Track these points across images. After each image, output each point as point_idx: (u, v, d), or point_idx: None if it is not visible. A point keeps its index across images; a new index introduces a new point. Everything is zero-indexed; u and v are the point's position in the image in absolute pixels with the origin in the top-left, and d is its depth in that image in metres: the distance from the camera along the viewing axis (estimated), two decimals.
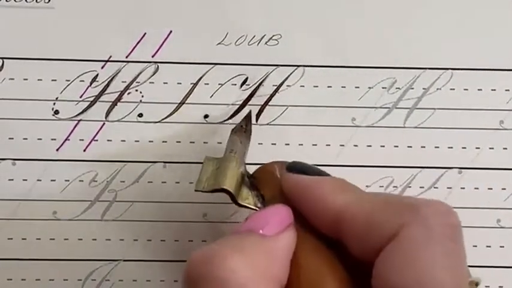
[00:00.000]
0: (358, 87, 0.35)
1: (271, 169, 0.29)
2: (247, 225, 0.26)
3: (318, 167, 0.29)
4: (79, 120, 0.34)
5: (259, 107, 0.35)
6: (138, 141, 0.35)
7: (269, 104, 0.35)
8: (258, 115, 0.35)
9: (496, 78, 0.35)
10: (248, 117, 0.33)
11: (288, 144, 0.35)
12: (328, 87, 0.35)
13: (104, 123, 0.34)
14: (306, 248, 0.26)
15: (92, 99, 0.35)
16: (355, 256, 0.26)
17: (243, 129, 0.33)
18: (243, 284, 0.23)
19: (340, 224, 0.26)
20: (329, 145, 0.35)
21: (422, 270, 0.23)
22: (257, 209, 0.29)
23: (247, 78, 0.35)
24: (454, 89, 0.35)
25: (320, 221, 0.27)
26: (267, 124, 0.35)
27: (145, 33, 0.35)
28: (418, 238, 0.24)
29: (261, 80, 0.35)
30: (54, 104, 0.34)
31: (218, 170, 0.30)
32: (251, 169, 0.30)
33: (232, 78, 0.35)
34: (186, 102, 0.35)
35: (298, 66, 0.35)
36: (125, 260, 0.34)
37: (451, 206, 0.25)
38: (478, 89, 0.35)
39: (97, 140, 0.34)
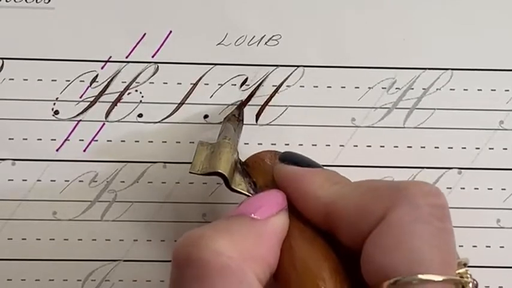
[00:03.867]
0: (358, 88, 0.35)
1: (264, 157, 0.30)
2: (239, 210, 0.26)
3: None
4: (79, 121, 0.34)
5: (259, 107, 0.35)
6: (138, 141, 0.35)
7: (269, 104, 0.35)
8: (258, 115, 0.35)
9: (496, 78, 0.35)
10: (240, 106, 0.34)
11: (288, 144, 0.35)
12: (328, 87, 0.35)
13: (103, 124, 0.34)
14: (300, 235, 0.27)
15: (91, 99, 0.35)
16: (346, 245, 0.26)
17: (236, 118, 0.33)
18: (225, 265, 0.23)
19: (330, 216, 0.26)
20: (329, 145, 0.35)
21: (410, 250, 0.23)
22: (250, 195, 0.29)
23: (247, 79, 0.35)
24: (453, 89, 0.35)
25: (311, 213, 0.27)
26: (267, 124, 0.35)
27: (145, 34, 0.35)
28: (406, 218, 0.24)
29: (261, 80, 0.35)
30: (54, 104, 0.34)
31: (212, 154, 0.30)
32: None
33: (232, 78, 0.35)
34: (186, 102, 0.35)
35: (298, 66, 0.35)
36: (124, 260, 0.34)
37: (439, 188, 0.25)
38: (478, 89, 0.35)
39: (97, 140, 0.34)
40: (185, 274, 0.24)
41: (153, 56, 0.35)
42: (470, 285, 0.24)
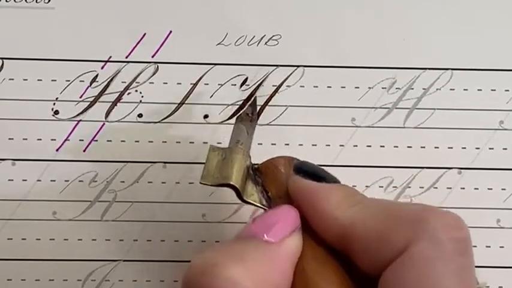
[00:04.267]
0: (358, 88, 0.35)
1: (278, 164, 0.28)
2: (251, 230, 0.25)
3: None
4: (79, 121, 0.34)
5: (259, 107, 0.35)
6: (138, 141, 0.35)
7: (269, 104, 0.35)
8: (258, 115, 0.35)
9: (496, 78, 0.35)
10: (254, 104, 0.33)
11: (288, 144, 0.35)
12: (328, 87, 0.35)
13: (103, 124, 0.34)
14: (313, 256, 0.26)
15: (91, 99, 0.35)
16: (361, 269, 0.25)
17: (249, 118, 0.32)
18: None
19: (347, 239, 0.25)
20: (329, 145, 0.35)
21: (432, 287, 0.23)
22: (262, 206, 0.28)
23: (247, 79, 0.35)
24: (453, 89, 0.35)
25: (326, 233, 0.26)
26: (267, 124, 0.35)
27: (145, 33, 0.35)
28: (428, 254, 0.23)
29: (261, 80, 0.35)
30: (54, 104, 0.34)
31: (224, 161, 0.28)
32: None
33: (232, 78, 0.35)
34: (186, 102, 0.35)
35: (298, 66, 0.35)
36: (124, 260, 0.34)
37: (461, 218, 0.25)
38: (478, 89, 0.35)
39: (97, 140, 0.34)
40: None
41: (153, 56, 0.35)
42: None
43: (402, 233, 0.24)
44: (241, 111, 0.33)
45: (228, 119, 0.35)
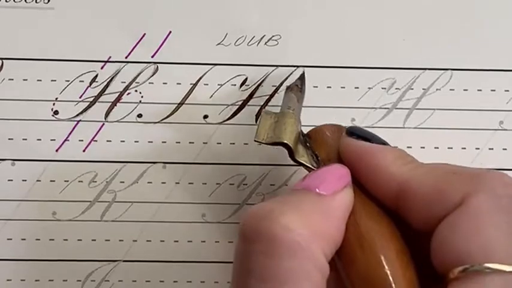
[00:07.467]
0: (357, 88, 0.35)
1: (326, 130, 0.30)
2: (304, 183, 0.26)
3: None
4: (78, 121, 0.34)
5: (259, 107, 0.35)
6: (137, 141, 0.35)
7: (269, 104, 0.35)
8: (257, 115, 0.35)
9: (496, 78, 0.35)
10: (302, 77, 0.33)
11: None
12: (328, 87, 0.35)
13: (103, 124, 0.34)
14: (365, 211, 0.26)
15: (91, 99, 0.35)
16: (415, 226, 0.26)
17: (299, 89, 0.32)
18: (296, 241, 0.24)
19: (403, 195, 0.26)
20: None
21: (488, 238, 0.23)
22: (312, 167, 0.29)
23: (246, 79, 0.35)
24: (453, 90, 0.35)
25: (380, 190, 0.26)
26: None
27: (145, 34, 0.35)
28: (485, 206, 0.24)
29: (261, 80, 0.35)
30: (53, 104, 0.34)
31: (277, 123, 0.29)
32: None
33: (232, 78, 0.35)
34: (186, 102, 0.35)
35: (298, 66, 0.35)
36: (124, 261, 0.34)
37: None
38: (478, 90, 0.35)
39: (96, 141, 0.34)
40: (253, 248, 0.24)
41: (152, 56, 0.35)
42: None
43: (460, 187, 0.25)
44: (291, 83, 0.33)
45: (228, 119, 0.35)
